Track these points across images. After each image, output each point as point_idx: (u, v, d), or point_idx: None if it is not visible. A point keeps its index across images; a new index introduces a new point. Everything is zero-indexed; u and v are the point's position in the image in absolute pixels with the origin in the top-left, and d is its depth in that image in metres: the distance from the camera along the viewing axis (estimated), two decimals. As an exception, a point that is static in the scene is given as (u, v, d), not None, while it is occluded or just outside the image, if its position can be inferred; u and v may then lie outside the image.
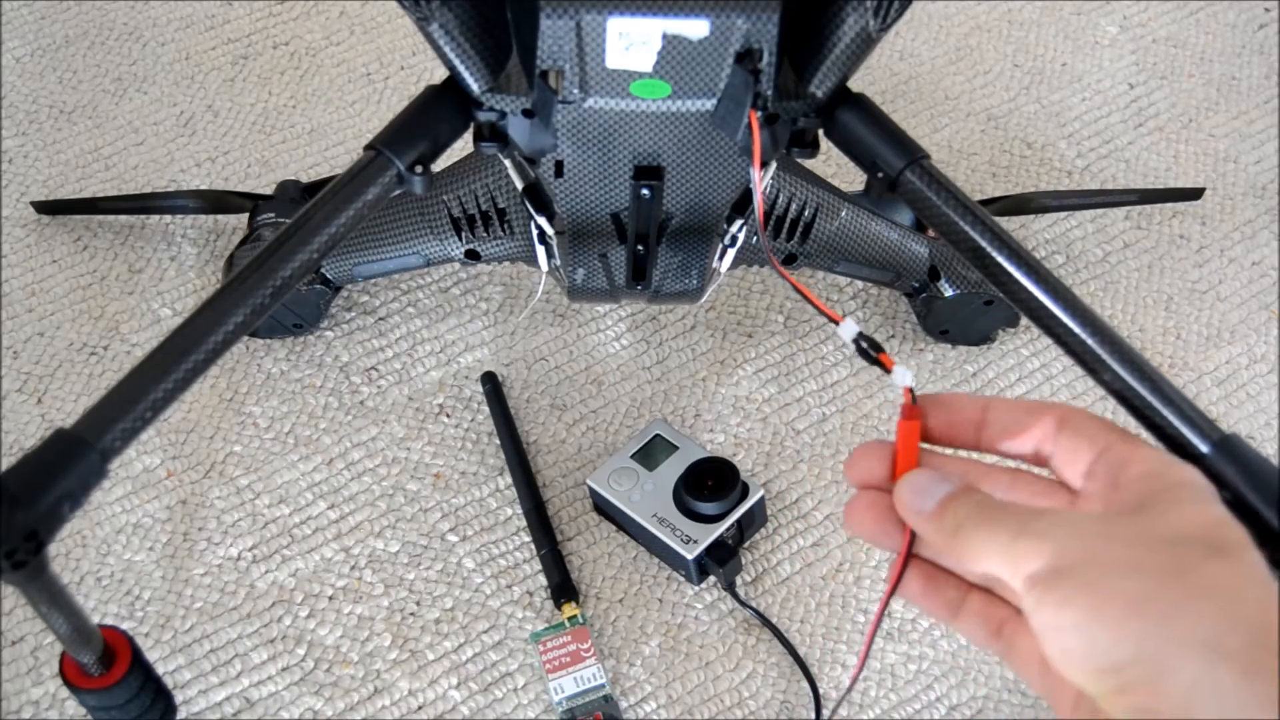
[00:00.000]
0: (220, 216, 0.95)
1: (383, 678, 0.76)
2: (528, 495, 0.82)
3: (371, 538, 0.81)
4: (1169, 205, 1.01)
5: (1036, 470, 0.42)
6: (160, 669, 0.74)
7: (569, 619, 0.77)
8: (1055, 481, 0.41)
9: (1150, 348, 0.93)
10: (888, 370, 0.44)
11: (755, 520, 0.81)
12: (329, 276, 0.86)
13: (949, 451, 0.43)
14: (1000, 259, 0.61)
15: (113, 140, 1.01)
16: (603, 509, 0.82)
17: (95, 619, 0.66)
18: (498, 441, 0.85)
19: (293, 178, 0.95)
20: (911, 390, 0.43)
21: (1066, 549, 0.35)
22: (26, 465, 0.51)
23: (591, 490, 0.82)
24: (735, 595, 0.79)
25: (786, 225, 0.82)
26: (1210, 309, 0.96)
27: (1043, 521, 0.36)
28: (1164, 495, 0.36)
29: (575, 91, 0.60)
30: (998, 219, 0.68)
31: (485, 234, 0.82)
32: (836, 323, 0.46)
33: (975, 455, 0.43)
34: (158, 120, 1.03)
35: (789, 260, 0.85)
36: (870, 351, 0.45)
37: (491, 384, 0.87)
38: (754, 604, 0.79)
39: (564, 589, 0.79)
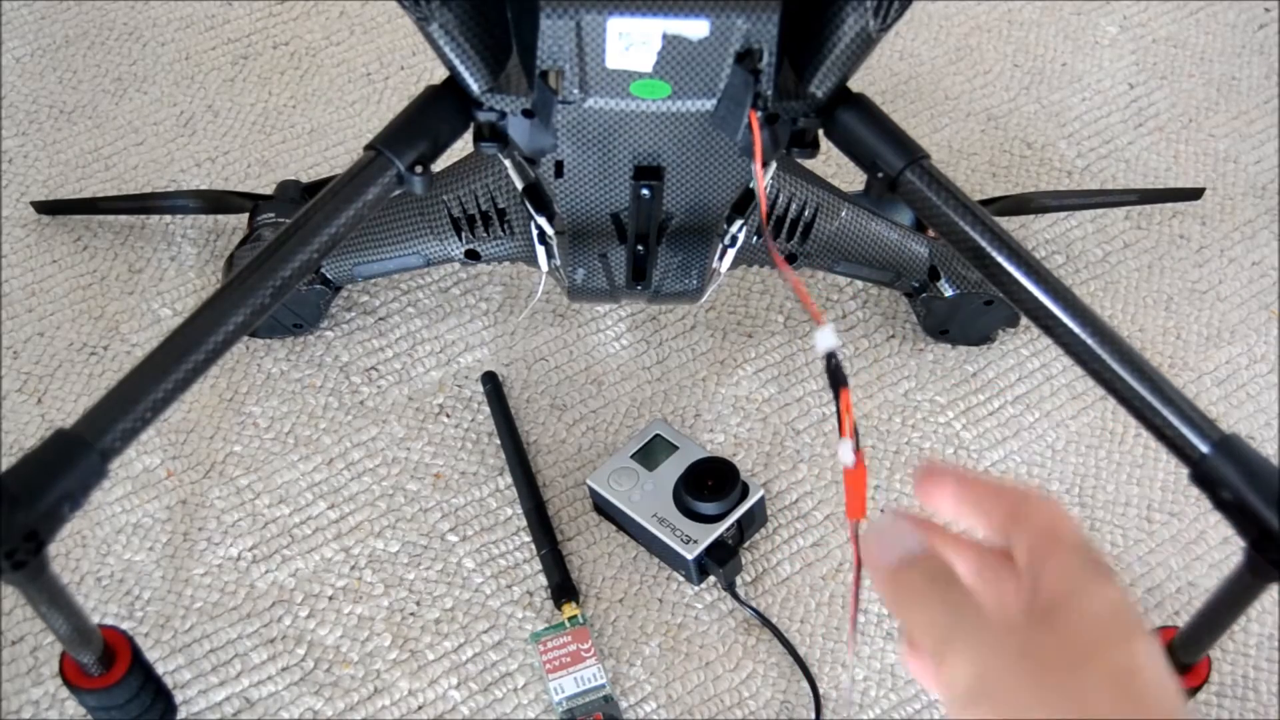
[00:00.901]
0: (220, 216, 0.95)
1: (383, 678, 0.76)
2: (528, 495, 0.82)
3: (371, 538, 0.81)
4: (1169, 205, 1.01)
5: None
6: (160, 669, 0.74)
7: (569, 619, 0.77)
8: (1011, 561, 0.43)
9: (1150, 348, 0.93)
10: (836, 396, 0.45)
11: (755, 520, 0.81)
12: (329, 276, 0.86)
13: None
14: (1000, 259, 0.61)
15: (113, 140, 1.01)
16: (603, 509, 0.82)
17: (95, 619, 0.66)
18: (498, 441, 0.85)
19: (293, 178, 0.95)
20: (856, 433, 0.44)
21: (984, 670, 0.37)
22: (26, 465, 0.51)
23: (591, 490, 0.82)
24: (735, 595, 0.79)
25: (786, 225, 0.82)
26: (1210, 309, 0.96)
27: (967, 630, 0.38)
28: (1072, 608, 0.38)
29: (575, 91, 0.60)
30: (998, 219, 0.68)
31: (485, 234, 0.82)
32: (819, 323, 0.46)
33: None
34: (158, 120, 1.03)
35: (789, 260, 0.85)
36: (835, 380, 0.45)
37: (492, 384, 0.87)
38: (754, 604, 0.79)
39: (564, 589, 0.79)
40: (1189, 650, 0.66)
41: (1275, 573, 0.55)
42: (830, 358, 0.45)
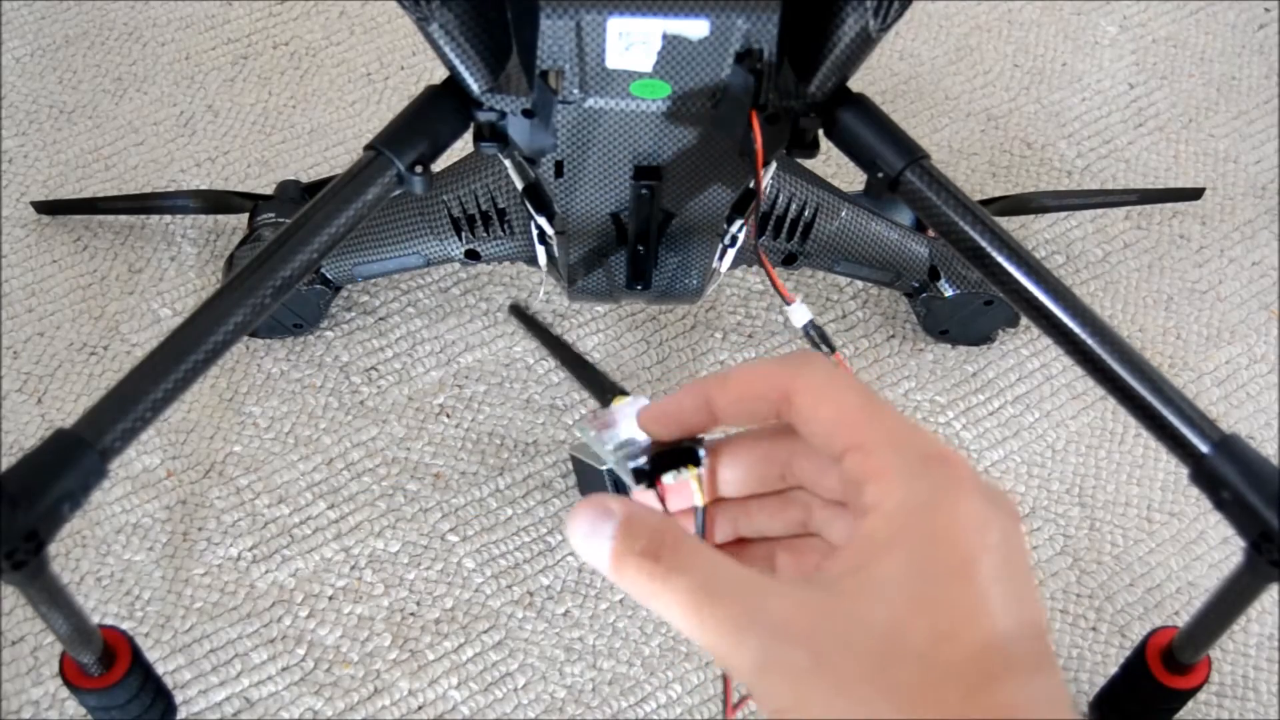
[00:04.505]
0: (220, 216, 0.95)
1: (383, 678, 0.76)
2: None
3: (371, 538, 0.81)
4: (1169, 205, 1.01)
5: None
6: (160, 669, 0.73)
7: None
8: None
9: (1150, 348, 0.93)
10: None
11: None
12: (329, 276, 0.86)
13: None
14: (1000, 259, 0.61)
15: (113, 140, 1.01)
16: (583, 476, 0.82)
17: (95, 619, 0.66)
18: (498, 441, 0.85)
19: (293, 178, 0.95)
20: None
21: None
22: (26, 465, 0.51)
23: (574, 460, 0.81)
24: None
25: (786, 225, 0.82)
26: (1210, 309, 0.96)
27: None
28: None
29: (575, 91, 0.60)
30: (998, 219, 0.68)
31: (485, 234, 0.82)
32: (789, 303, 0.45)
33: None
34: (158, 120, 1.03)
35: (789, 260, 0.85)
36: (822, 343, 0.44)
37: (519, 314, 0.82)
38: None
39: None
40: (1189, 650, 0.66)
41: (1275, 573, 0.55)
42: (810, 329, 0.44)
